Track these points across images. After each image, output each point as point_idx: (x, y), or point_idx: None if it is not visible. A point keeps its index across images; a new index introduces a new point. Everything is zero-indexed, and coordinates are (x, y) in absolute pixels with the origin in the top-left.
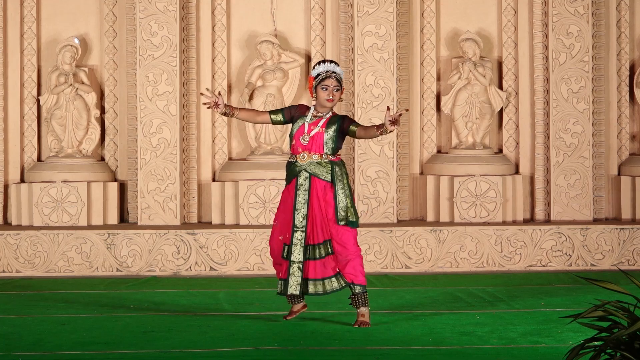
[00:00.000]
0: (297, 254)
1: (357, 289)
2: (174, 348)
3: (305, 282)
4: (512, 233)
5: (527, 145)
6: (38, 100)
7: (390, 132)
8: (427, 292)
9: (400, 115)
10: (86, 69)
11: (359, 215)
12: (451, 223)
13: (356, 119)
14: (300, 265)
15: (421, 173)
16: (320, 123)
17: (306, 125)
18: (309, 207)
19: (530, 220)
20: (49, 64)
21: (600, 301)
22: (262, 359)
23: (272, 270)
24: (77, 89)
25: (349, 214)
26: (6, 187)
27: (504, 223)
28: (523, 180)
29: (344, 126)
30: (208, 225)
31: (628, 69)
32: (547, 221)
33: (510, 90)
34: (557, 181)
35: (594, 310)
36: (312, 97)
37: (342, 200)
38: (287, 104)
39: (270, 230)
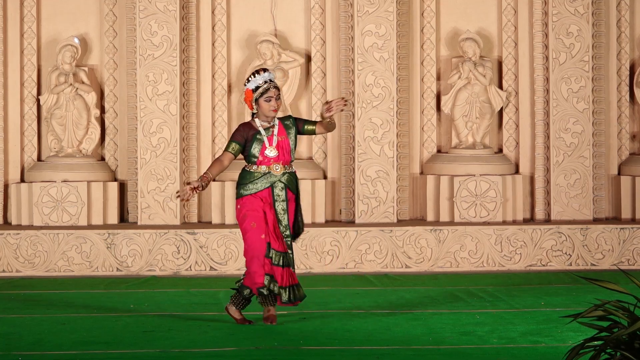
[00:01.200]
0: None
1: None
2: (174, 348)
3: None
4: (512, 233)
5: (527, 145)
6: (38, 100)
7: (330, 116)
8: (427, 292)
9: (335, 101)
10: (86, 68)
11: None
12: (451, 223)
13: (356, 119)
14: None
15: (421, 173)
16: (276, 132)
17: (265, 140)
18: (288, 216)
19: (530, 220)
20: (49, 63)
21: (600, 301)
22: (262, 359)
23: None
24: (77, 88)
25: (302, 228)
26: (6, 186)
27: (504, 223)
28: (523, 180)
29: (299, 127)
30: (208, 225)
31: (628, 68)
32: (547, 221)
33: (510, 90)
34: (557, 181)
35: (594, 309)
36: (252, 110)
37: (300, 214)
38: (287, 104)
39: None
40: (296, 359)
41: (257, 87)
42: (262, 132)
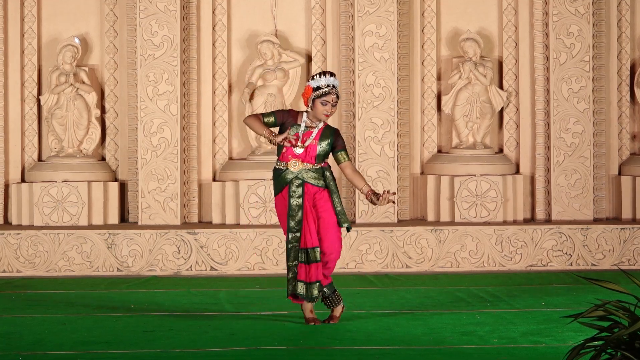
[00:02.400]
0: (292, 257)
1: (327, 292)
2: (174, 348)
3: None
4: (513, 233)
5: (528, 145)
6: (39, 100)
7: (373, 205)
8: (427, 292)
9: (384, 196)
10: (87, 68)
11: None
12: (452, 223)
13: (356, 119)
14: (295, 269)
15: (422, 173)
16: (314, 134)
17: (300, 134)
18: (302, 212)
19: (531, 220)
20: (50, 63)
21: (600, 301)
22: (263, 358)
23: (272, 270)
24: (77, 88)
25: (347, 217)
26: (7, 186)
27: (505, 223)
28: (524, 180)
29: (336, 145)
30: (208, 225)
31: (628, 68)
32: (548, 221)
33: (511, 90)
34: (557, 181)
35: (595, 310)
36: (307, 106)
37: (338, 204)
38: (288, 104)
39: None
40: (296, 359)
41: (319, 88)
42: (302, 126)
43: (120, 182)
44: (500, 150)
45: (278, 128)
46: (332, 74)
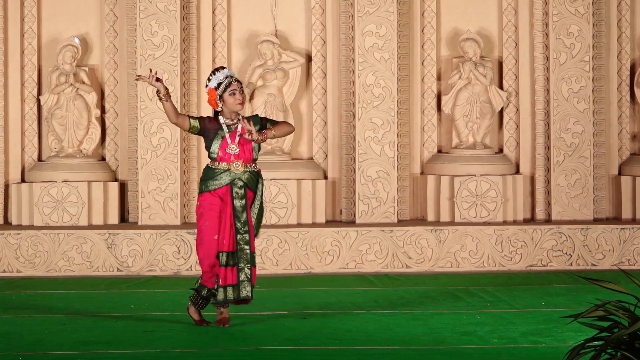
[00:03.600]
0: (244, 259)
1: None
2: (174, 348)
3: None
4: (513, 233)
5: (528, 145)
6: (39, 100)
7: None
8: (427, 292)
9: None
10: (87, 68)
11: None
12: (452, 223)
13: (356, 119)
14: (248, 271)
15: (422, 173)
16: (240, 129)
17: (227, 137)
18: (247, 213)
19: (531, 220)
20: (50, 63)
21: (600, 301)
22: (263, 358)
23: (272, 270)
24: (77, 88)
25: (259, 230)
26: (7, 186)
27: (505, 223)
28: (523, 180)
29: (264, 124)
30: None
31: (628, 68)
32: (548, 221)
33: (511, 90)
34: (557, 181)
35: (595, 310)
36: (218, 108)
37: (258, 214)
38: (288, 104)
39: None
40: (296, 359)
41: (220, 84)
42: (225, 128)
43: (120, 182)
44: (500, 150)
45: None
46: (222, 67)
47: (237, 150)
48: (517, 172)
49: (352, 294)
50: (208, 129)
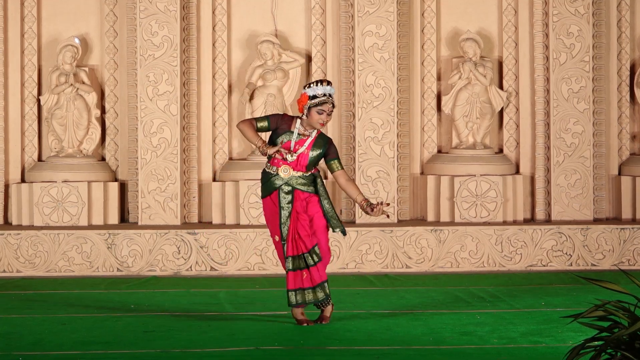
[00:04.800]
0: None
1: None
2: (174, 348)
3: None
4: (513, 233)
5: (528, 145)
6: (39, 100)
7: (366, 213)
8: (427, 292)
9: (378, 208)
10: (87, 68)
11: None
12: (452, 223)
13: (356, 119)
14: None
15: (422, 173)
16: (307, 143)
17: (292, 142)
18: (290, 221)
19: (531, 220)
20: (50, 63)
21: (600, 301)
22: (263, 358)
23: (272, 270)
24: (77, 88)
25: (339, 222)
26: (7, 186)
27: (505, 223)
28: (523, 180)
29: (328, 153)
30: (208, 225)
31: (628, 68)
32: (548, 221)
33: (511, 90)
34: (557, 181)
35: (595, 310)
36: (302, 113)
37: (329, 210)
38: (288, 104)
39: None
40: (296, 359)
41: (315, 96)
42: (295, 134)
43: (120, 182)
44: (500, 151)
45: (269, 134)
46: (328, 83)
47: (293, 159)
48: (517, 172)
49: (352, 294)
50: (279, 126)
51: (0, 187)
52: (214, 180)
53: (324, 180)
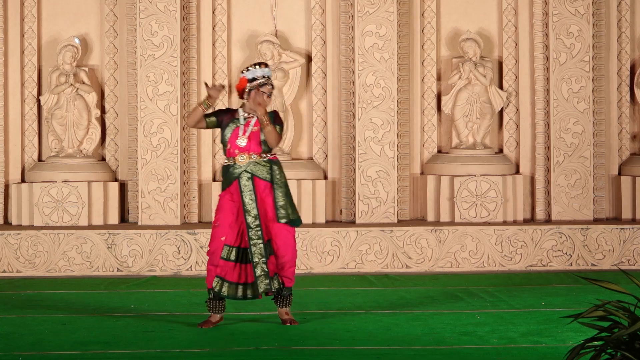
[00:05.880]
0: (258, 254)
1: (286, 292)
2: (174, 348)
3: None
4: (513, 233)
5: (528, 145)
6: (39, 100)
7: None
8: (427, 292)
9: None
10: (87, 68)
11: (299, 214)
12: (452, 223)
13: (356, 119)
14: (264, 265)
15: (422, 173)
16: (253, 122)
17: (241, 127)
18: (257, 206)
19: (531, 220)
20: (50, 63)
21: (600, 301)
22: (263, 358)
23: None
24: (77, 88)
25: (289, 212)
26: (7, 187)
27: (505, 223)
28: (523, 180)
29: (276, 122)
30: (209, 225)
31: (628, 68)
32: (548, 221)
33: (511, 90)
34: (557, 181)
35: (595, 310)
36: (242, 98)
37: (280, 199)
38: (288, 104)
39: None
40: (296, 359)
41: (254, 79)
42: (241, 119)
43: (120, 182)
44: (500, 151)
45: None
46: (266, 65)
47: (245, 142)
48: (517, 172)
49: (352, 294)
50: (224, 120)
51: (0, 187)
52: (214, 180)
53: (284, 170)
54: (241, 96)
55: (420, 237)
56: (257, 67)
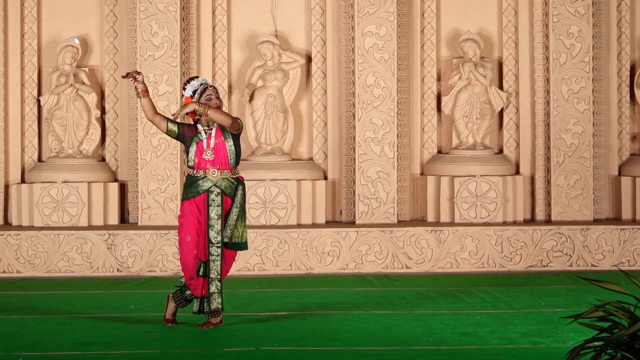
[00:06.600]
0: (215, 270)
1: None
2: (174, 348)
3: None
4: (513, 233)
5: (528, 146)
6: (39, 101)
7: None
8: (427, 293)
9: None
10: (87, 69)
11: (248, 238)
12: (452, 223)
13: (356, 120)
14: (219, 283)
15: (422, 173)
16: (214, 134)
17: (204, 141)
18: (222, 223)
19: (531, 221)
20: (50, 64)
21: (600, 301)
22: (263, 358)
23: (273, 271)
24: (77, 89)
25: (235, 234)
26: (7, 187)
27: (505, 223)
28: (523, 181)
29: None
30: None
31: (628, 69)
32: (548, 221)
33: (511, 91)
34: (557, 181)
35: (595, 310)
36: (195, 118)
37: (232, 220)
38: (288, 104)
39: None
40: (296, 359)
41: (195, 91)
42: (203, 134)
43: (120, 182)
44: (500, 151)
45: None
46: (196, 77)
47: (212, 156)
48: (517, 172)
49: (352, 294)
50: (186, 135)
51: (0, 188)
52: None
53: (246, 193)
54: (194, 116)
55: (420, 237)
56: (190, 82)
